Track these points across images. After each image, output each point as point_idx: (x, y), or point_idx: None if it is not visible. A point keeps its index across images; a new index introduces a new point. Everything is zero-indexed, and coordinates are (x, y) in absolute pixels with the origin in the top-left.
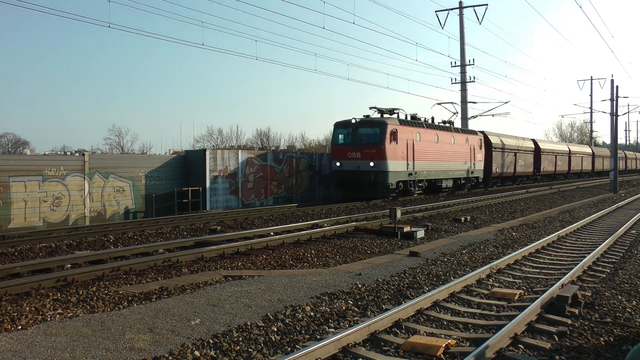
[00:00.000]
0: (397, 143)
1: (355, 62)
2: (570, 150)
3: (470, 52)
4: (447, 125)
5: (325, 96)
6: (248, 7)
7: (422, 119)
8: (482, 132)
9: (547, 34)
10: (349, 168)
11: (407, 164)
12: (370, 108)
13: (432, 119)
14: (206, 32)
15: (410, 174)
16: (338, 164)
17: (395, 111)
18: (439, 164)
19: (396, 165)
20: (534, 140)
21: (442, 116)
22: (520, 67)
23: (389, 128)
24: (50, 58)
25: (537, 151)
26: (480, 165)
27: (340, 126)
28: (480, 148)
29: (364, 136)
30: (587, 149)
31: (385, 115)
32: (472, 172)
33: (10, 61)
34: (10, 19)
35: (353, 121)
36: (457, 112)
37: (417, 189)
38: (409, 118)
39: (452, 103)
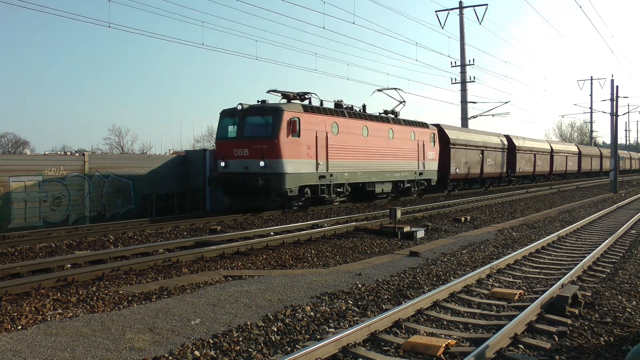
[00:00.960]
0: (299, 136)
1: (355, 62)
2: (552, 149)
3: (470, 52)
4: (384, 115)
5: (326, 95)
6: (248, 7)
7: (347, 107)
8: (436, 125)
9: (547, 33)
10: (236, 169)
11: (317, 164)
12: (269, 91)
13: (364, 107)
14: (206, 32)
15: (322, 177)
16: (223, 163)
17: (306, 96)
18: (368, 163)
19: (298, 165)
20: (508, 137)
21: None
22: (520, 67)
23: (286, 116)
24: (51, 58)
25: (512, 149)
26: (432, 165)
27: (226, 115)
28: (434, 144)
29: (253, 127)
30: (573, 147)
31: (283, 101)
32: (420, 174)
33: (10, 61)
34: (10, 19)
35: (239, 107)
36: (404, 102)
37: (335, 195)
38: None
39: (395, 89)
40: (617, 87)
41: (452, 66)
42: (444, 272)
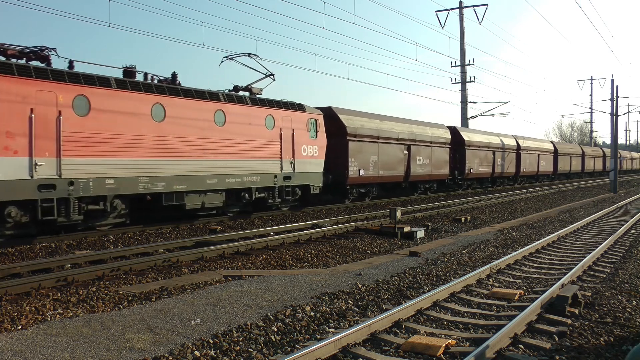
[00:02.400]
0: None
1: (355, 62)
2: (519, 146)
3: (470, 52)
4: (210, 91)
5: (325, 95)
6: (248, 7)
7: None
8: (328, 108)
9: (547, 33)
10: None
11: (34, 165)
12: None
13: (174, 76)
14: (206, 32)
15: (45, 187)
16: None
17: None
18: (166, 163)
19: None
20: (453, 129)
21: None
22: (520, 67)
23: None
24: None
25: (459, 144)
26: (313, 166)
27: None
28: (315, 134)
29: None
30: (548, 145)
31: None
32: (287, 178)
33: None
34: (10, 18)
35: None
36: (270, 75)
37: (79, 216)
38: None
39: (250, 55)
40: (617, 87)
41: (452, 66)
42: (444, 272)
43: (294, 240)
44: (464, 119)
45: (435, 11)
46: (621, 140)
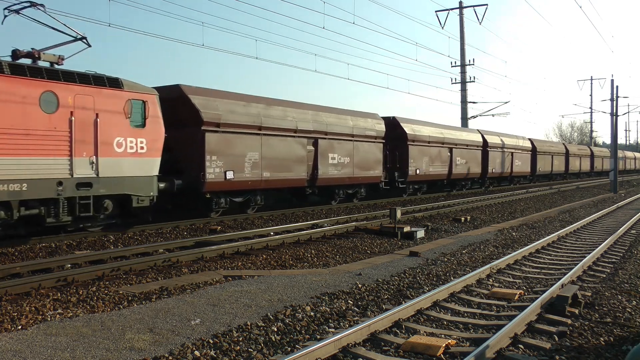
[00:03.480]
0: None
1: (355, 62)
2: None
3: (470, 52)
4: None
5: (326, 95)
6: (248, 7)
7: None
8: (175, 86)
9: (547, 33)
10: None
11: None
12: None
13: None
14: (206, 32)
15: None
16: None
17: None
18: None
19: None
20: (391, 120)
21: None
22: (520, 66)
23: None
24: None
25: (399, 139)
26: (136, 167)
27: None
28: (143, 122)
29: None
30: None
31: None
32: (86, 185)
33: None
34: (10, 18)
35: None
36: (84, 39)
37: None
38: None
39: (33, 4)
40: (617, 87)
41: (452, 66)
42: (444, 272)
43: (294, 240)
44: (464, 119)
45: (435, 11)
46: (621, 140)
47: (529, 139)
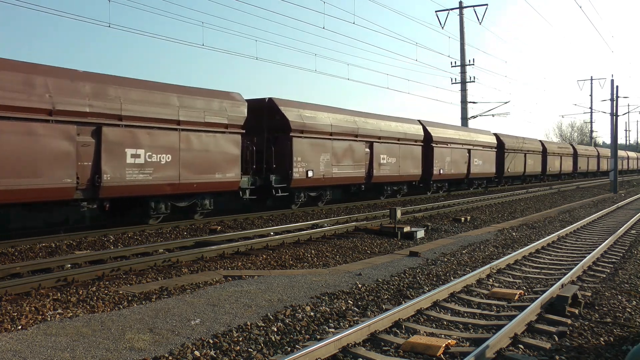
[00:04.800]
0: None
1: (355, 62)
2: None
3: (470, 52)
4: None
5: (326, 96)
6: (248, 7)
7: None
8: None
9: (547, 33)
10: None
11: None
12: None
13: None
14: (206, 32)
15: None
16: None
17: None
18: None
19: None
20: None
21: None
22: (520, 66)
23: None
24: (50, 58)
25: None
26: None
27: None
28: None
29: None
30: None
31: None
32: None
33: None
34: (10, 19)
35: None
36: None
37: None
38: None
39: None
40: (617, 87)
41: (452, 66)
42: (444, 272)
43: (294, 240)
44: (464, 119)
45: (435, 11)
46: (621, 140)
47: (495, 134)
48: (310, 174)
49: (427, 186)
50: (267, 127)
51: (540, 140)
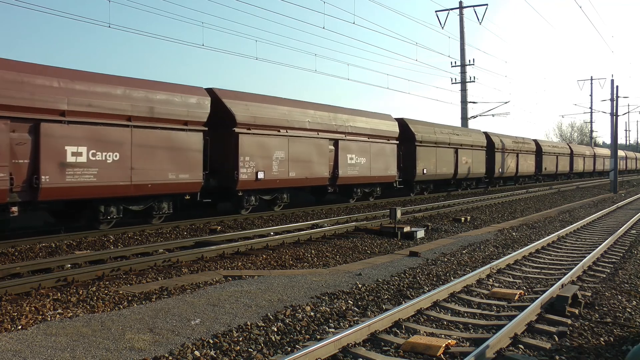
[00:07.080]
0: None
1: (355, 62)
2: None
3: (470, 52)
4: None
5: (326, 96)
6: (248, 7)
7: None
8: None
9: (547, 33)
10: None
11: None
12: None
13: None
14: (206, 32)
15: None
16: None
17: None
18: None
19: None
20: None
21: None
22: (520, 66)
23: None
24: (50, 58)
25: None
26: None
27: None
28: None
29: None
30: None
31: None
32: None
33: None
34: (9, 19)
35: None
36: None
37: None
38: None
39: None
40: (617, 87)
41: (452, 66)
42: (444, 272)
43: (294, 240)
44: (464, 119)
45: (435, 11)
46: (621, 140)
47: (484, 133)
48: (260, 175)
49: (410, 187)
50: (212, 123)
51: (535, 140)
